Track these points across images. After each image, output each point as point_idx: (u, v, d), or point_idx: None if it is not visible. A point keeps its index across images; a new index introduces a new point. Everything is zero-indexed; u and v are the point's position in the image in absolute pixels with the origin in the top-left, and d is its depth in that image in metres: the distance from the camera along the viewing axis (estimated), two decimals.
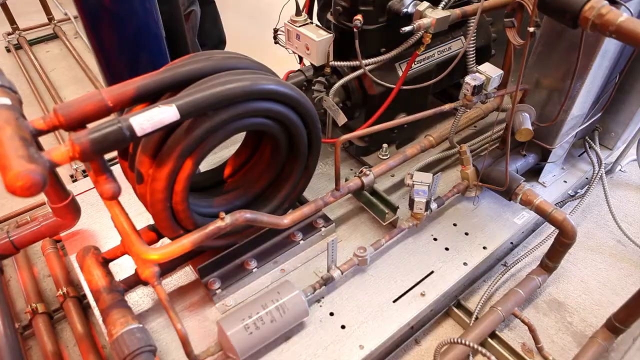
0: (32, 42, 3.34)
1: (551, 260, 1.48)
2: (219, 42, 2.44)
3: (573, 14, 1.10)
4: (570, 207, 1.79)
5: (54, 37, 3.43)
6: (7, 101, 0.91)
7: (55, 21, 3.46)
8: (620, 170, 2.11)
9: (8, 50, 3.28)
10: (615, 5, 1.29)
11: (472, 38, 1.44)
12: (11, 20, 3.26)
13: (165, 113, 0.87)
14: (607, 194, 1.79)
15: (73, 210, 1.44)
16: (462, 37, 1.67)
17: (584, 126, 1.71)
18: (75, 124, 0.90)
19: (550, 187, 1.75)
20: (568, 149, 1.79)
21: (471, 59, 1.50)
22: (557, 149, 1.64)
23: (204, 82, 0.95)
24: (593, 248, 1.74)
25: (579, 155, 1.90)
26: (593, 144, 1.87)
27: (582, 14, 1.08)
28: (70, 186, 1.62)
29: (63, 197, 1.38)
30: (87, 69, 2.97)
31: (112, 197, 0.92)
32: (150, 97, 0.96)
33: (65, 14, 3.62)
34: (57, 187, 1.35)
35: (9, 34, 3.31)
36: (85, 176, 1.94)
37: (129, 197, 1.18)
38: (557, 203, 1.82)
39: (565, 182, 1.79)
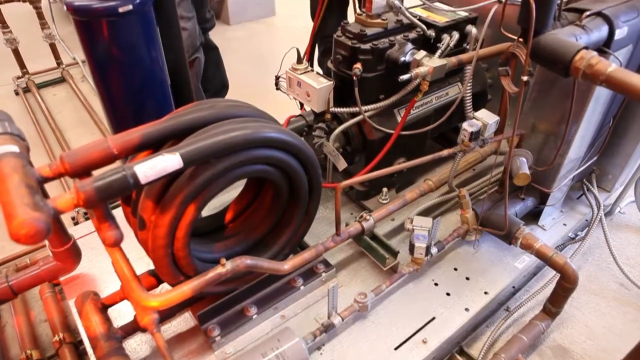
0: (40, 86, 3.43)
1: (554, 305, 1.46)
2: (222, 86, 2.50)
3: (564, 64, 1.14)
4: (571, 250, 1.78)
5: (61, 80, 3.53)
6: (15, 149, 0.93)
7: (64, 65, 3.56)
8: (619, 212, 2.12)
9: (17, 94, 3.36)
10: (604, 54, 1.35)
11: (469, 85, 1.48)
12: (21, 65, 3.35)
13: (168, 161, 0.89)
14: (607, 236, 1.79)
15: (74, 255, 1.44)
16: (459, 83, 1.72)
17: (581, 169, 1.73)
18: (81, 171, 0.92)
19: (550, 230, 1.76)
20: (566, 192, 1.80)
21: (468, 105, 1.54)
22: (555, 192, 1.65)
23: (207, 130, 0.97)
24: (596, 292, 1.72)
25: (578, 198, 1.91)
26: (591, 187, 1.88)
27: (573, 64, 1.12)
28: (71, 229, 1.62)
29: (64, 241, 1.39)
30: (92, 112, 3.03)
31: (114, 244, 0.93)
32: (154, 145, 0.99)
33: (74, 59, 3.73)
34: (59, 232, 1.36)
35: (18, 78, 3.40)
36: (87, 219, 1.94)
37: (129, 241, 1.18)
38: (557, 246, 1.81)
39: (564, 225, 1.80)
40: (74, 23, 1.16)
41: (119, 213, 1.09)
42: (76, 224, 1.99)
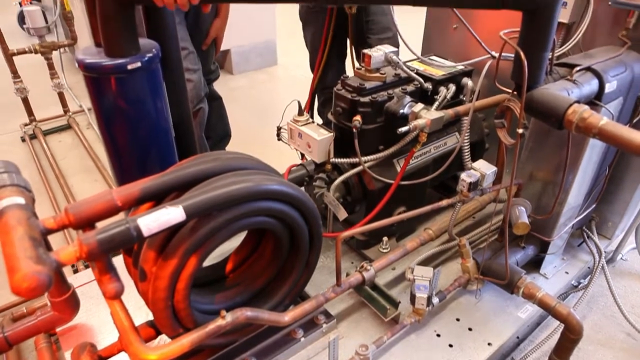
0: (47, 132, 3.49)
1: (559, 357, 1.43)
2: (225, 135, 2.55)
3: (557, 117, 1.17)
4: (575, 299, 1.76)
5: (67, 127, 3.60)
6: (21, 201, 0.95)
7: (70, 113, 3.64)
8: (621, 258, 2.11)
9: (23, 140, 3.42)
10: (596, 107, 1.39)
11: (466, 136, 1.51)
12: (29, 112, 3.43)
13: (171, 214, 0.90)
14: (610, 284, 1.77)
15: (72, 304, 1.42)
16: (457, 133, 1.76)
17: (580, 217, 1.74)
18: (85, 223, 0.94)
19: (552, 278, 1.75)
20: (567, 240, 1.80)
21: (466, 155, 1.57)
22: (555, 240, 1.65)
23: (210, 182, 0.99)
24: (602, 342, 1.69)
25: (578, 245, 1.91)
26: (591, 234, 1.88)
27: (566, 118, 1.15)
28: (71, 277, 1.61)
29: (64, 290, 1.37)
30: (96, 158, 3.07)
31: (115, 297, 0.93)
32: (158, 197, 1.00)
33: (80, 106, 3.82)
34: (58, 282, 1.35)
35: (25, 125, 3.47)
36: (86, 267, 1.94)
37: (129, 290, 1.17)
38: (560, 295, 1.79)
39: (567, 273, 1.79)
40: (84, 78, 1.21)
41: (118, 261, 1.09)
42: (76, 271, 1.98)
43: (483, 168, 1.41)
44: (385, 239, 1.68)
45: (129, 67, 1.14)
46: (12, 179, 0.99)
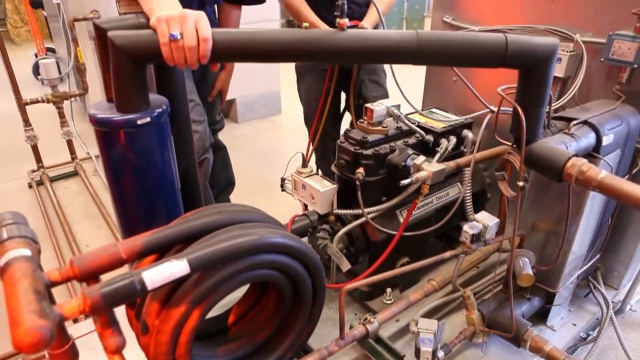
0: (54, 179, 3.54)
1: None
2: (229, 184, 2.57)
3: (557, 171, 1.19)
4: (584, 352, 1.72)
5: (74, 174, 3.65)
6: (27, 252, 0.96)
7: (78, 159, 3.71)
8: (630, 309, 2.07)
9: (30, 186, 3.47)
10: (595, 159, 1.41)
11: (468, 186, 1.53)
12: (38, 159, 3.50)
13: (176, 267, 0.91)
14: (620, 337, 1.74)
15: (71, 356, 1.38)
16: (459, 183, 1.78)
17: (585, 267, 1.73)
18: (89, 276, 0.94)
19: (560, 330, 1.71)
20: (573, 290, 1.78)
21: (469, 206, 1.58)
22: (561, 291, 1.64)
23: (214, 235, 1.00)
24: None
25: (585, 296, 1.88)
26: (597, 285, 1.86)
27: (565, 171, 1.17)
28: (71, 327, 1.60)
29: (63, 342, 1.35)
30: (101, 205, 3.10)
31: (116, 352, 0.92)
32: (162, 249, 1.02)
33: (88, 153, 3.89)
34: (59, 334, 1.33)
35: (33, 171, 3.53)
36: (87, 317, 1.91)
37: (130, 342, 1.16)
38: (569, 347, 1.75)
39: (574, 324, 1.75)
40: (95, 132, 1.25)
41: (119, 311, 1.08)
42: (75, 321, 1.96)
43: (485, 220, 1.42)
44: (388, 290, 1.66)
45: (139, 122, 1.18)
46: (19, 230, 1.00)
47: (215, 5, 2.15)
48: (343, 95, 2.39)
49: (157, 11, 1.14)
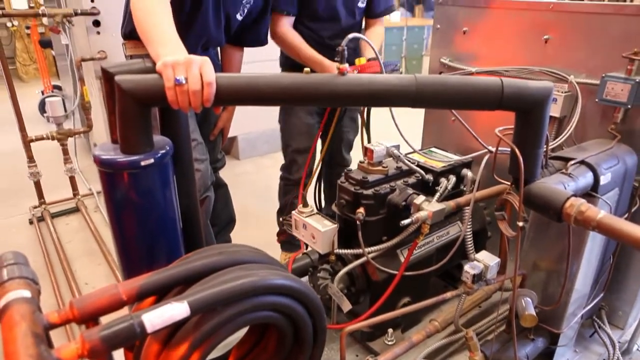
0: (55, 215, 3.55)
1: None
2: (230, 221, 2.58)
3: (555, 211, 1.20)
4: None
5: (75, 210, 3.66)
6: (27, 294, 0.96)
7: (79, 196, 3.72)
8: (637, 350, 2.03)
9: (31, 222, 3.47)
10: (593, 198, 1.42)
11: (468, 225, 1.54)
12: (40, 195, 3.52)
13: (176, 310, 0.91)
14: None
15: None
16: (459, 222, 1.79)
17: (589, 307, 1.71)
18: (89, 318, 0.94)
19: None
20: (577, 330, 1.75)
21: (469, 245, 1.58)
22: (566, 331, 1.61)
23: (215, 277, 1.01)
24: None
25: (590, 336, 1.85)
26: (602, 324, 1.84)
27: (564, 211, 1.18)
28: None
29: None
30: (102, 242, 3.10)
31: None
32: (163, 291, 1.01)
33: (89, 189, 3.91)
34: None
35: (35, 207, 3.54)
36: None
37: None
38: None
39: None
40: (98, 172, 1.27)
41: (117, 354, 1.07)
42: None
43: (486, 259, 1.42)
44: (390, 330, 1.64)
45: (143, 163, 1.20)
46: (20, 271, 1.00)
47: (219, 48, 2.21)
48: None
49: (163, 56, 1.17)
